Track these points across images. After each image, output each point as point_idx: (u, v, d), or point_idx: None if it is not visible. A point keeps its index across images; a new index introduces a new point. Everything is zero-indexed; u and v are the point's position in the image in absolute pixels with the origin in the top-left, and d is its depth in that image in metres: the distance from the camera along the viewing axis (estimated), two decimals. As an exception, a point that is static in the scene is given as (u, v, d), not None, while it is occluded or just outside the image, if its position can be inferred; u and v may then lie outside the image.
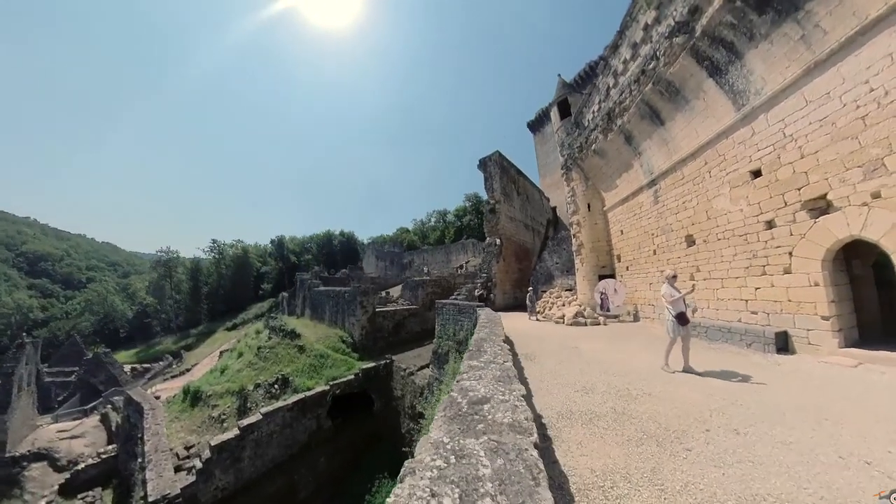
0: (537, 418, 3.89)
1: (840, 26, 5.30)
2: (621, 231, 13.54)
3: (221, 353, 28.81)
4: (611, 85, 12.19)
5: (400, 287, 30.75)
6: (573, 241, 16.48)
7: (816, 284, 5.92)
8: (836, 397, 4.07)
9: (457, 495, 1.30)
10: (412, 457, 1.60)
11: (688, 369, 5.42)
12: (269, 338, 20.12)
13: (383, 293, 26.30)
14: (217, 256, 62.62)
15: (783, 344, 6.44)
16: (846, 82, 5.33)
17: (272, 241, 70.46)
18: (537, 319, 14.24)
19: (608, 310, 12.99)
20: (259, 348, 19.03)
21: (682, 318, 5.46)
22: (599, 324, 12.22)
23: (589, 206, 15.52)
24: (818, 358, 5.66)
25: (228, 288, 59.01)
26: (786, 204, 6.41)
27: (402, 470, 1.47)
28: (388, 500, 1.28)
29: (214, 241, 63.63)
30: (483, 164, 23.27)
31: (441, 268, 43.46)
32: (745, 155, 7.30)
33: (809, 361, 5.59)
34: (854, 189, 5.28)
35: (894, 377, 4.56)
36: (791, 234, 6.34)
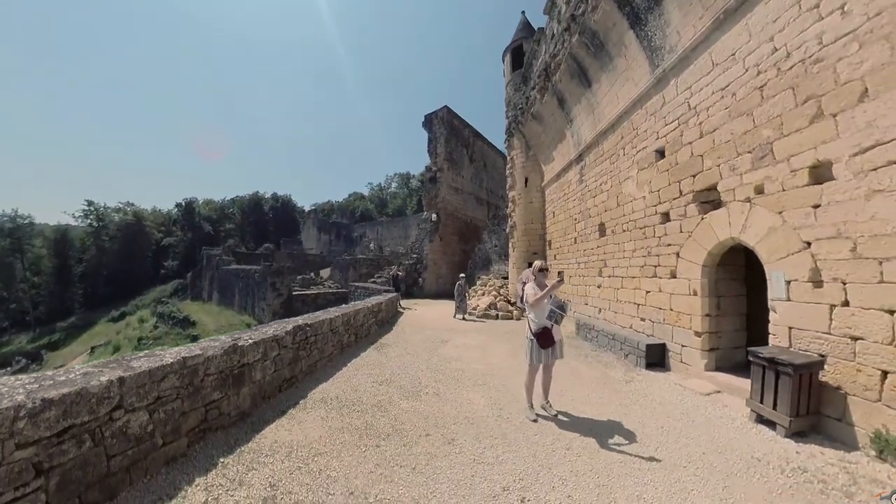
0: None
1: (755, -39, 4.32)
2: (553, 213, 12.82)
3: (93, 349, 24.60)
4: (555, 32, 10.84)
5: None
6: (508, 220, 15.72)
7: (695, 294, 5.35)
8: (648, 438, 3.46)
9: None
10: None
11: (545, 407, 4.23)
12: (156, 327, 18.37)
13: (311, 273, 24.76)
14: (96, 224, 49.81)
15: (658, 358, 5.98)
16: (752, 40, 4.44)
17: (178, 206, 57.76)
18: (463, 318, 11.73)
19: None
20: (140, 340, 17.32)
21: (544, 339, 3.97)
22: (512, 318, 11.72)
23: (526, 181, 14.64)
24: (681, 379, 5.20)
25: (115, 266, 47.41)
26: (680, 194, 5.69)
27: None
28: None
29: (90, 204, 49.90)
30: (428, 122, 21.57)
31: (398, 244, 41.51)
32: (654, 130, 6.46)
33: (665, 384, 5.09)
34: (741, 180, 4.56)
35: (733, 410, 4.08)
36: (681, 231, 5.68)
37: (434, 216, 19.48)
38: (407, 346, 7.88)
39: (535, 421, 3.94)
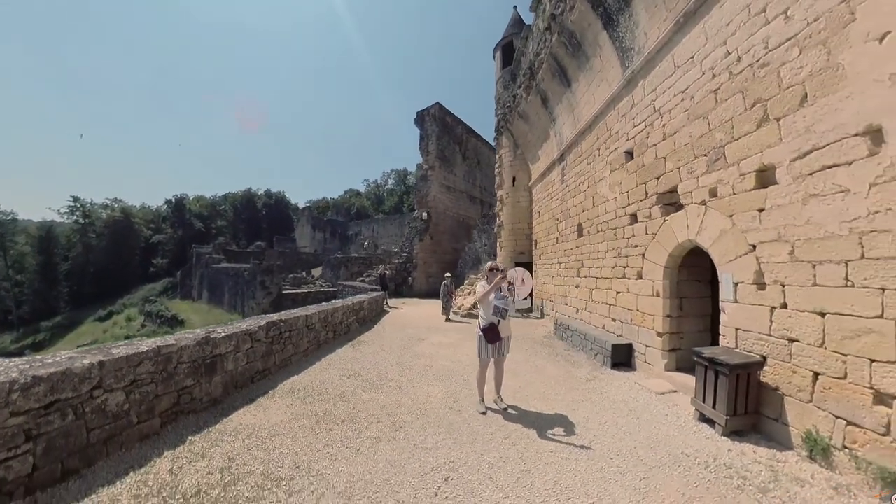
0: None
1: (712, -36, 4.37)
2: (538, 212, 12.89)
3: (79, 348, 24.97)
4: (540, 29, 10.87)
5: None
6: (497, 220, 15.79)
7: (657, 295, 5.44)
8: (590, 435, 3.55)
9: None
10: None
11: (497, 401, 4.35)
12: (143, 325, 18.45)
13: (303, 272, 24.81)
14: (83, 221, 48.52)
15: (625, 358, 6.07)
16: (708, 43, 4.50)
17: (168, 202, 56.78)
18: (447, 319, 11.51)
19: (513, 302, 12.57)
20: (127, 338, 17.34)
21: (491, 335, 4.11)
22: (496, 316, 11.78)
23: (514, 181, 14.70)
24: (642, 379, 5.28)
25: (102, 264, 45.92)
26: (646, 195, 5.76)
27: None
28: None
29: (76, 200, 48.61)
30: (420, 119, 21.58)
31: (394, 242, 41.46)
32: (624, 131, 6.53)
33: (625, 383, 5.18)
34: (697, 183, 4.62)
35: (682, 409, 4.16)
36: (646, 233, 5.76)
37: (424, 215, 19.53)
38: (383, 344, 8.04)
39: (483, 413, 4.12)
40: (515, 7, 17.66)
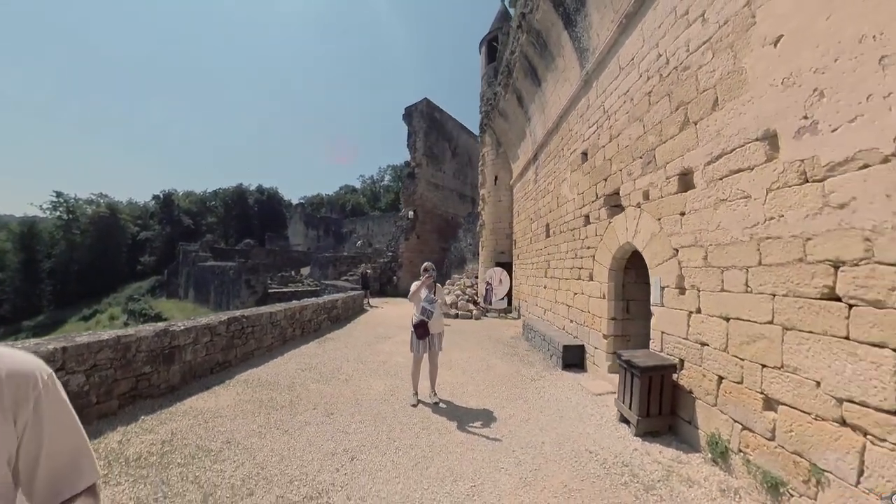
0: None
1: (650, -35, 4.40)
2: (518, 212, 12.93)
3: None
4: (514, 27, 10.91)
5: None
6: (479, 219, 15.83)
7: (603, 297, 5.49)
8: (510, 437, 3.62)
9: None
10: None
11: (431, 396, 4.54)
12: (126, 324, 18.59)
13: (292, 271, 24.90)
14: (66, 217, 47.42)
15: (577, 360, 6.13)
16: (644, 45, 4.53)
17: (156, 198, 55.60)
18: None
19: (490, 302, 12.67)
20: None
21: (420, 331, 4.39)
22: (471, 317, 11.87)
23: (496, 179, 14.73)
24: (586, 380, 5.34)
25: (87, 261, 44.72)
26: (597, 197, 5.80)
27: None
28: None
29: (59, 195, 47.68)
30: (408, 116, 21.61)
31: (389, 241, 42.01)
32: (581, 132, 6.56)
33: (568, 384, 5.24)
34: (634, 185, 4.67)
35: (612, 410, 4.20)
36: (596, 234, 5.80)
37: (410, 213, 19.59)
38: (349, 341, 8.23)
39: (414, 406, 4.34)
40: (503, 0, 17.61)
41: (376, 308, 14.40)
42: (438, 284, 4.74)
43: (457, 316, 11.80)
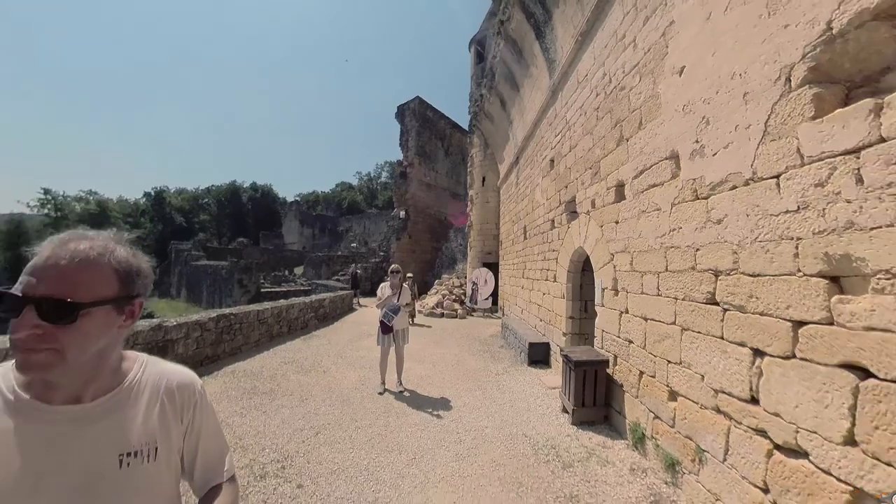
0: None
1: (599, -12, 4.76)
2: (503, 214, 13.28)
3: None
4: (494, 33, 11.26)
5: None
6: (467, 220, 16.20)
7: (563, 297, 5.87)
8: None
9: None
10: None
11: (397, 385, 5.06)
12: None
13: (286, 271, 25.33)
14: (55, 214, 46.75)
15: (543, 357, 6.51)
16: (594, 63, 4.90)
17: (147, 195, 55.29)
18: (411, 323, 12.25)
19: (476, 302, 13.06)
20: None
21: (384, 327, 4.94)
22: (456, 316, 12.27)
23: (483, 181, 15.10)
24: (546, 375, 5.73)
25: None
26: (560, 203, 6.18)
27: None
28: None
29: (47, 192, 47.42)
30: (400, 114, 21.95)
31: (381, 240, 42.40)
32: (549, 140, 6.93)
33: (528, 378, 5.63)
34: (586, 194, 5.05)
35: (559, 402, 4.63)
36: (559, 238, 6.18)
37: (402, 213, 19.96)
38: (332, 338, 8.71)
39: (381, 394, 4.82)
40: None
41: (365, 307, 14.82)
42: (405, 285, 5.19)
43: (442, 315, 12.20)
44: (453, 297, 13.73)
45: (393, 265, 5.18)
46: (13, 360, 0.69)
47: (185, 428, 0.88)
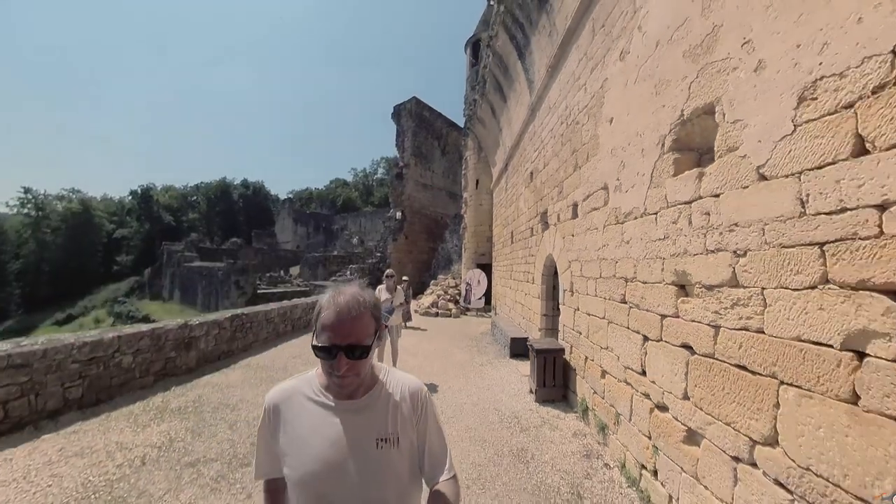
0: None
1: (562, 29, 5.74)
2: (495, 216, 14.30)
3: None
4: (484, 45, 12.20)
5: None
6: (462, 221, 17.21)
7: (539, 296, 6.91)
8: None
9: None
10: None
11: None
12: (114, 326, 20.12)
13: (281, 271, 26.39)
14: (35, 214, 46.23)
15: (523, 350, 7.52)
16: (560, 94, 5.90)
17: (133, 193, 53.88)
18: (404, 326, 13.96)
19: (469, 302, 14.11)
20: None
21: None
22: (450, 315, 13.33)
23: (477, 183, 16.09)
24: (524, 365, 6.78)
25: (59, 262, 43.87)
26: (537, 213, 7.20)
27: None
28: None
29: (27, 191, 46.57)
30: (396, 115, 22.86)
31: (378, 240, 43.29)
32: (529, 155, 7.94)
33: (507, 368, 6.73)
34: (554, 208, 6.07)
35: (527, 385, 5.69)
36: (536, 245, 7.21)
37: (399, 214, 20.96)
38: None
39: None
40: (489, 2, 18.73)
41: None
42: (400, 287, 6.21)
43: (437, 315, 13.26)
44: (448, 297, 14.79)
45: (388, 270, 6.19)
46: (314, 370, 1.10)
47: (417, 425, 1.07)
